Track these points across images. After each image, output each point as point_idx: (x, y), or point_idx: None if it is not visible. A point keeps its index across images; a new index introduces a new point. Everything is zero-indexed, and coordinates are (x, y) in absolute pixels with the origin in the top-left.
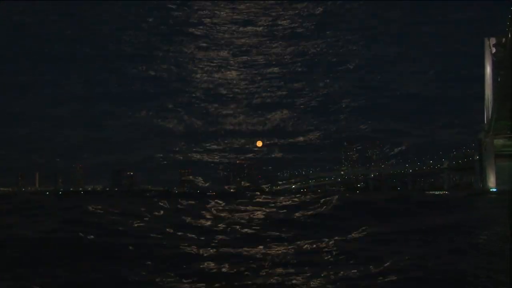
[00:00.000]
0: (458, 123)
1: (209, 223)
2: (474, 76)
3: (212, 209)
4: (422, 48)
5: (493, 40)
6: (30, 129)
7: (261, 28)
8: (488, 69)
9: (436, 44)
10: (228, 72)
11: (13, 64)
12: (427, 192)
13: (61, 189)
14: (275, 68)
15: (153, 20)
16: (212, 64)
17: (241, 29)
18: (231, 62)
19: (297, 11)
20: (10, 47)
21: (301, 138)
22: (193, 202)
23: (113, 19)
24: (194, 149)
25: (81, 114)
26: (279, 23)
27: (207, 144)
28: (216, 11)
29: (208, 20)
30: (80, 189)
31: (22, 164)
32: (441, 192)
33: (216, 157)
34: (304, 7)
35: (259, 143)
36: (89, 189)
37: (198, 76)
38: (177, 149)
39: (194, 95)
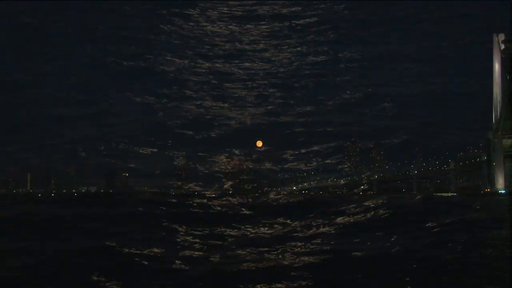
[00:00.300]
0: (465, 122)
1: None
2: (481, 74)
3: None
4: (424, 46)
5: (501, 36)
6: (29, 129)
7: (263, 27)
8: (497, 66)
9: (438, 42)
10: (230, 72)
11: (13, 64)
12: (434, 194)
13: (54, 191)
14: (275, 68)
15: (154, 19)
16: (213, 64)
17: (242, 28)
18: (232, 62)
19: (298, 9)
20: (10, 47)
21: (302, 138)
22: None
23: (113, 19)
24: (193, 150)
25: (80, 114)
26: (280, 22)
27: (206, 144)
28: (220, 8)
29: (213, 17)
30: (74, 191)
31: (20, 164)
32: (447, 194)
33: (215, 158)
34: (305, 6)
35: (259, 143)
36: (83, 190)
37: (200, 76)
38: (175, 149)
39: (194, 95)
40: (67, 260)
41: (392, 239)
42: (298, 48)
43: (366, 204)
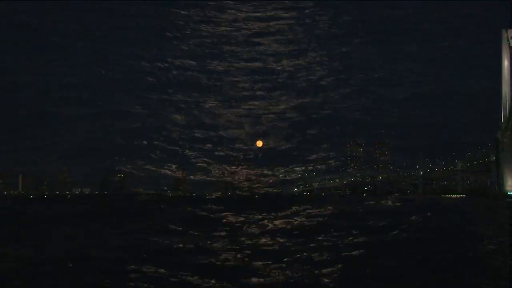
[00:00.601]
0: (465, 122)
1: None
2: (481, 74)
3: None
4: (424, 46)
5: (511, 32)
6: (29, 129)
7: (264, 27)
8: (506, 63)
9: (438, 42)
10: (230, 72)
11: (13, 64)
12: (442, 196)
13: (46, 193)
14: (275, 68)
15: (154, 19)
16: (213, 64)
17: (242, 28)
18: (232, 62)
19: (300, 9)
20: (10, 47)
21: (302, 138)
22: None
23: (113, 19)
24: (192, 150)
25: (80, 113)
26: (282, 21)
27: (206, 145)
28: (220, 9)
29: (213, 17)
30: (67, 192)
31: (18, 165)
32: (454, 196)
33: (214, 158)
34: (306, 6)
35: (259, 143)
36: (77, 192)
37: (201, 76)
38: (174, 149)
39: (195, 95)
40: (65, 260)
41: (392, 239)
42: (298, 48)
43: (367, 203)
